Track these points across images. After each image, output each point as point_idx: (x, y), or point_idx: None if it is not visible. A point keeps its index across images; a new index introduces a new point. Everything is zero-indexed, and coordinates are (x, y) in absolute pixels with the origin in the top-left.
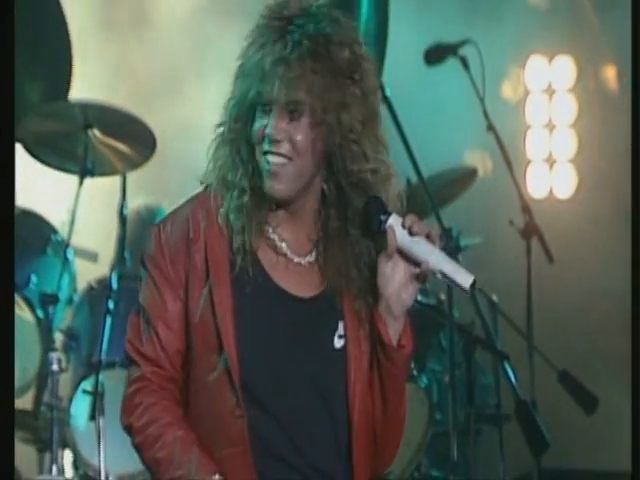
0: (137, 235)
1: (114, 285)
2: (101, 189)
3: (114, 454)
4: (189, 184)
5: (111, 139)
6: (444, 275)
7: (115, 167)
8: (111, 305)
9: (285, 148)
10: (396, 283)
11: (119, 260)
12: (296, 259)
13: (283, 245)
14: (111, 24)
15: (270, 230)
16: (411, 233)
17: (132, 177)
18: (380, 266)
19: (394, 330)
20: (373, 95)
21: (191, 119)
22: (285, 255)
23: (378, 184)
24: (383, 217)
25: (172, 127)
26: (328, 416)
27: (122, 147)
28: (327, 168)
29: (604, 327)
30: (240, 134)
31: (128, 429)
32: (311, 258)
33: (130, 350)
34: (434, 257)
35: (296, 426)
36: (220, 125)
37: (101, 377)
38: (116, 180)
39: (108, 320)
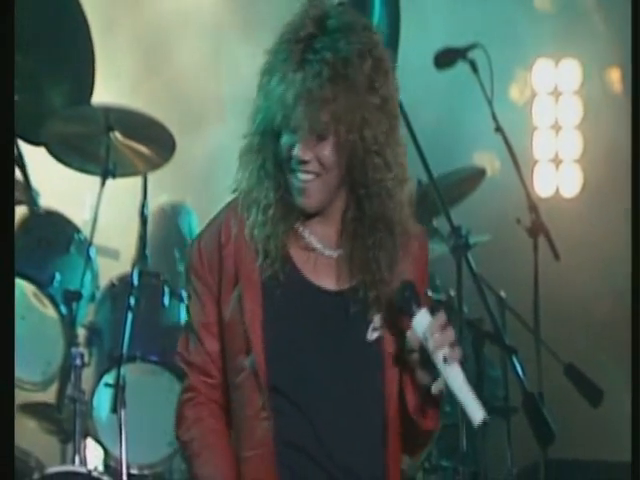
0: (161, 232)
1: (135, 282)
2: (123, 189)
3: (135, 445)
4: (212, 181)
5: (132, 141)
6: (454, 396)
7: (136, 168)
8: (132, 301)
9: (313, 166)
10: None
11: (140, 258)
12: (327, 252)
13: (313, 239)
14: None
15: (300, 227)
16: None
17: (156, 175)
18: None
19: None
20: (392, 100)
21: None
22: (315, 250)
23: (396, 188)
24: (415, 306)
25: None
26: (361, 413)
27: (143, 149)
28: (349, 176)
29: (608, 323)
30: (266, 147)
31: (177, 440)
32: (341, 251)
33: (180, 361)
34: (451, 372)
35: (327, 426)
36: (246, 136)
37: (122, 371)
38: (137, 180)
39: (129, 316)
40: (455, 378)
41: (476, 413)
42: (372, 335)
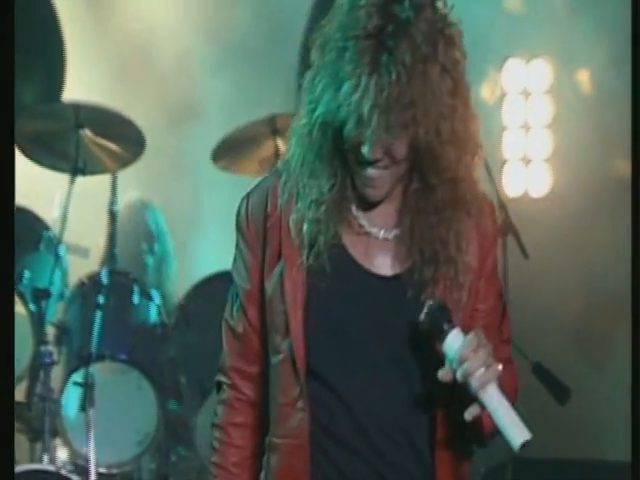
0: (130, 229)
1: (104, 280)
2: (92, 187)
3: (103, 444)
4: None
5: (102, 139)
6: (492, 418)
7: (106, 166)
8: (101, 300)
9: (383, 162)
10: None
11: (109, 256)
12: (382, 234)
13: (367, 223)
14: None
15: (353, 208)
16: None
17: (126, 172)
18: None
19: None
20: (463, 76)
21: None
22: (369, 234)
23: (470, 167)
24: (446, 327)
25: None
26: (408, 406)
27: (112, 146)
28: (420, 165)
29: (577, 321)
30: (325, 136)
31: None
32: (397, 232)
33: (223, 328)
34: (485, 396)
35: (370, 417)
36: (300, 121)
37: (91, 369)
38: (107, 178)
39: (98, 314)
40: (492, 401)
41: (516, 435)
42: (426, 322)
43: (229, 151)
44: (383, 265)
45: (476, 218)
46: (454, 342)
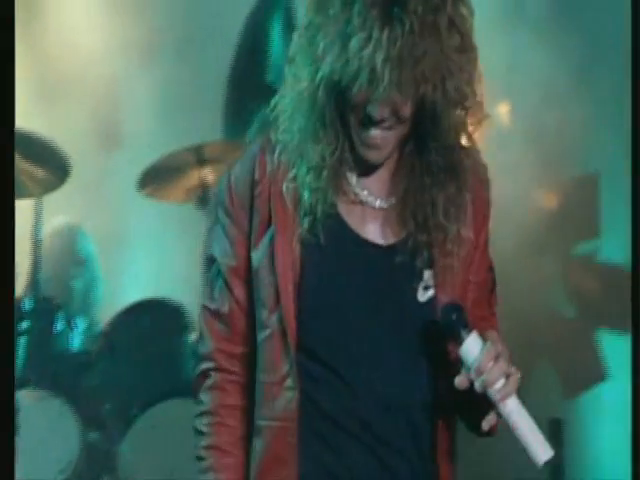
0: (56, 254)
1: (27, 307)
2: (18, 212)
3: (25, 471)
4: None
5: (27, 163)
6: (513, 431)
7: (31, 191)
8: (24, 326)
9: (389, 122)
10: None
11: (33, 282)
12: (378, 203)
13: (362, 191)
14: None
15: (349, 175)
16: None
17: (53, 197)
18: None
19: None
20: (470, 31)
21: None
22: (365, 202)
23: (474, 133)
24: (463, 333)
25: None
26: (407, 384)
27: (37, 171)
28: (420, 126)
29: (533, 320)
30: (328, 100)
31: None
32: (394, 200)
33: (202, 314)
34: (506, 409)
35: (366, 395)
36: (295, 86)
37: (16, 395)
38: (33, 203)
39: (21, 341)
40: (512, 414)
41: (539, 451)
42: (423, 295)
43: (155, 179)
44: (380, 234)
45: (473, 190)
46: (472, 349)
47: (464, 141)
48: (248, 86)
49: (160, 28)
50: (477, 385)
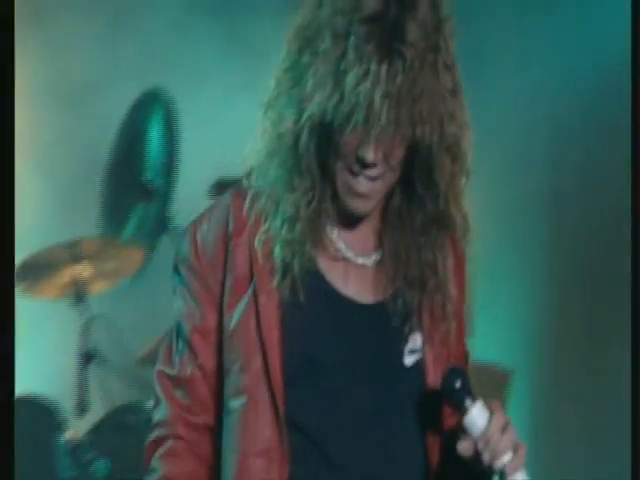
0: None
1: None
2: None
3: None
4: None
5: None
6: None
7: None
8: None
9: (379, 169)
10: None
11: None
12: (360, 260)
13: (343, 246)
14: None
15: (329, 228)
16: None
17: None
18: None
19: None
20: (458, 73)
21: None
22: (347, 258)
23: (464, 182)
24: (468, 403)
25: None
26: (397, 458)
27: None
28: (410, 173)
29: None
30: (309, 144)
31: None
32: (377, 256)
33: (158, 380)
34: (517, 476)
35: (354, 470)
36: (274, 129)
37: None
38: None
39: None
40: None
41: None
42: (409, 359)
43: (29, 275)
44: (364, 292)
45: (454, 242)
46: (479, 419)
47: (455, 190)
48: (125, 184)
49: (33, 122)
50: (486, 456)
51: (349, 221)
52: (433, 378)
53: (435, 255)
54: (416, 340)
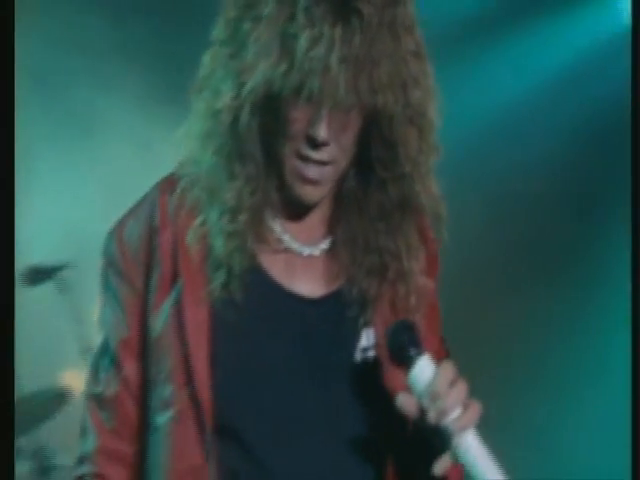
0: None
1: None
2: None
3: None
4: None
5: None
6: (468, 472)
7: None
8: None
9: (331, 151)
10: None
11: None
12: (307, 251)
13: (287, 237)
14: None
15: (270, 220)
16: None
17: None
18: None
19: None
20: (422, 38)
21: None
22: (289, 249)
23: (432, 160)
24: (413, 352)
25: None
26: (349, 470)
27: None
28: (371, 154)
29: None
30: (254, 120)
31: None
32: (326, 245)
33: (84, 404)
34: (467, 440)
35: None
36: (215, 101)
37: None
38: None
39: None
40: (470, 451)
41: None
42: (362, 357)
43: None
44: (313, 286)
45: (424, 229)
46: (425, 372)
47: (422, 169)
48: None
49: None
50: (432, 413)
51: (296, 210)
52: (391, 378)
53: (397, 242)
54: (369, 336)
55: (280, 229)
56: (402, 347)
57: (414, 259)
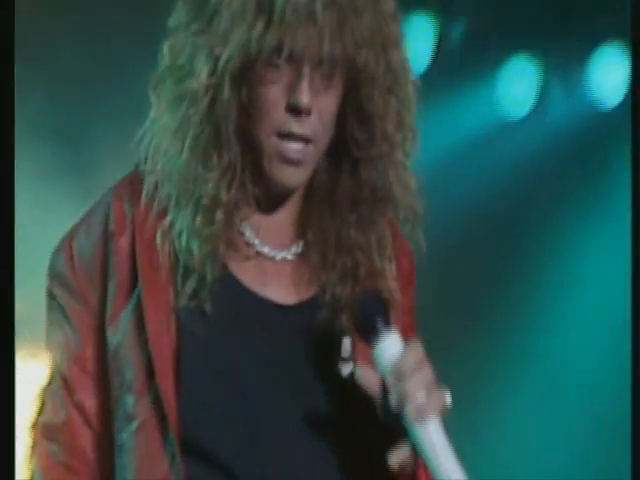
0: None
1: None
2: None
3: None
4: None
5: None
6: (426, 463)
7: None
8: None
9: (312, 126)
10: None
11: None
12: (279, 255)
13: (257, 241)
14: None
15: (238, 223)
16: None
17: None
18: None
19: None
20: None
21: None
22: (260, 254)
23: (411, 146)
24: (380, 323)
25: None
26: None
27: None
28: (345, 134)
29: None
30: (231, 104)
31: None
32: (299, 248)
33: (35, 432)
34: (428, 428)
35: None
36: (187, 81)
37: None
38: None
39: None
40: (429, 440)
41: (454, 474)
42: (345, 369)
43: None
44: (284, 291)
45: (394, 227)
46: (391, 349)
47: (398, 154)
48: None
49: None
50: (393, 395)
51: (270, 207)
52: (368, 386)
53: (368, 236)
54: (345, 345)
55: (250, 233)
56: (369, 316)
57: (386, 260)
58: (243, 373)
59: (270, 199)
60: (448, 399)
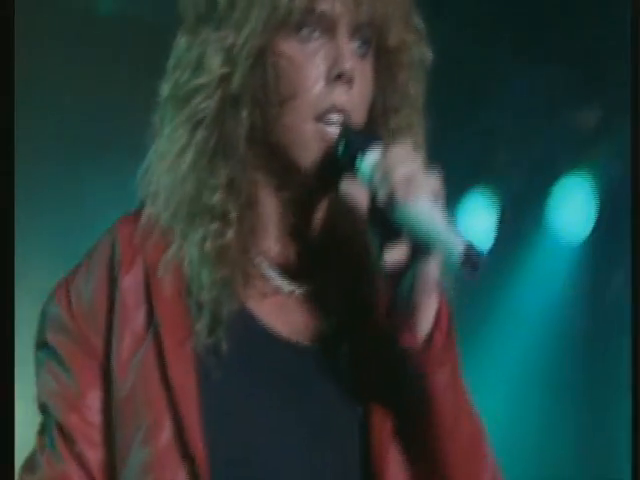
0: None
1: None
2: None
3: None
4: None
5: None
6: (423, 228)
7: None
8: None
9: (352, 97)
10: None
11: None
12: (297, 290)
13: (273, 274)
14: None
15: (253, 254)
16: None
17: None
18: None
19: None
20: None
21: None
22: (278, 287)
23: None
24: (364, 148)
25: None
26: None
27: None
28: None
29: None
30: (246, 91)
31: None
32: (317, 278)
33: None
34: (418, 204)
35: None
36: (201, 75)
37: None
38: None
39: None
40: (428, 213)
41: (455, 244)
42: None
43: None
44: (304, 328)
45: None
46: (375, 155)
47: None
48: None
49: None
50: (381, 192)
51: (286, 229)
52: (379, 436)
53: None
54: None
55: (267, 264)
56: (349, 153)
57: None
58: (264, 422)
59: (287, 219)
60: (438, 182)
